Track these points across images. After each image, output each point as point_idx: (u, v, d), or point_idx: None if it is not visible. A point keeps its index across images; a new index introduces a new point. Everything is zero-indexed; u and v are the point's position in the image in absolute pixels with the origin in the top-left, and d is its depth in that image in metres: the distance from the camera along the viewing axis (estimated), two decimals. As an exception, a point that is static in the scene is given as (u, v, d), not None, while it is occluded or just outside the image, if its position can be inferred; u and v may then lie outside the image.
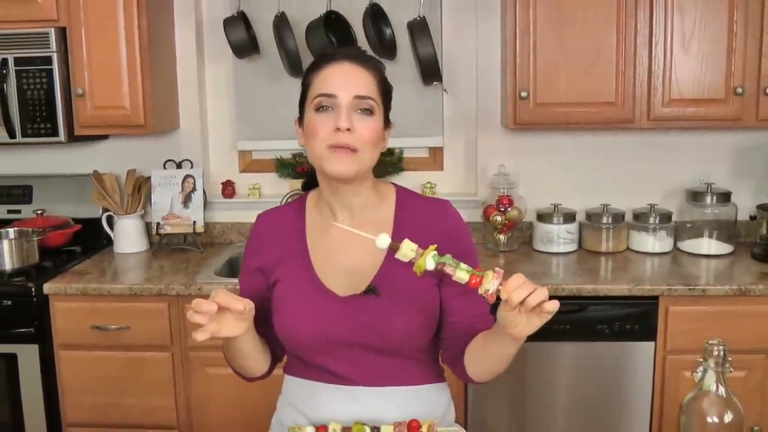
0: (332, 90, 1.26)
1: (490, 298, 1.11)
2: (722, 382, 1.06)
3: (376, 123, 1.29)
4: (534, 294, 1.08)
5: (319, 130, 1.26)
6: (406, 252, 1.13)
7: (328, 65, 1.30)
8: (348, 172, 1.27)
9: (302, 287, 1.34)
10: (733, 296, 2.26)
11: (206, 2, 2.91)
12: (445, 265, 1.13)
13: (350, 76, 1.28)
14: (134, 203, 2.84)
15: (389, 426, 1.21)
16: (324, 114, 1.27)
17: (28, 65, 2.54)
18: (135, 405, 2.44)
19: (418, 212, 1.38)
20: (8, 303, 2.39)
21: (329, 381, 1.34)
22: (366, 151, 1.28)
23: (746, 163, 2.79)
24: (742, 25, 2.40)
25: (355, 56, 1.32)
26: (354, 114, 1.27)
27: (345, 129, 1.24)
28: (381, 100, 1.32)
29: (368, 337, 1.29)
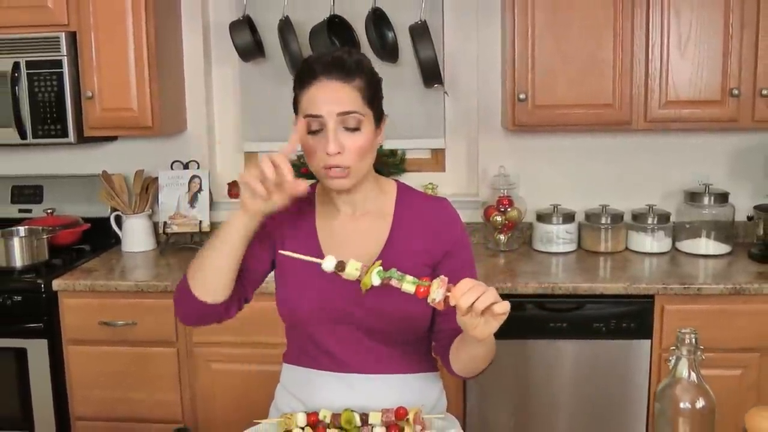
0: (317, 111, 1.31)
1: (439, 306, 1.16)
2: (695, 369, 1.10)
3: (364, 135, 1.33)
4: (481, 298, 1.12)
5: (314, 152, 1.33)
6: (351, 272, 1.20)
7: (311, 85, 1.33)
8: (345, 186, 1.35)
9: (308, 270, 1.37)
10: (728, 295, 2.28)
11: (213, 7, 2.97)
12: (391, 279, 1.19)
13: (332, 93, 1.32)
14: (142, 203, 2.90)
15: (377, 413, 1.26)
16: (315, 137, 1.32)
17: (39, 68, 2.62)
18: (141, 399, 2.50)
19: (417, 207, 1.45)
20: (18, 299, 2.45)
21: (325, 368, 1.40)
22: (358, 164, 1.34)
23: (744, 165, 2.82)
24: (737, 28, 2.43)
25: (336, 67, 1.33)
26: (341, 133, 1.31)
27: (335, 153, 1.30)
28: (368, 107, 1.35)
29: (366, 316, 1.35)
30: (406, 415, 1.25)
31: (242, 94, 3.02)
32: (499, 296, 1.15)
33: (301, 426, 1.25)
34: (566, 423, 2.42)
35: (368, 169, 1.39)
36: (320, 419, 1.26)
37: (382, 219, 1.44)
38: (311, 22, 2.75)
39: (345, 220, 1.44)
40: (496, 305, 1.13)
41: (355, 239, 1.42)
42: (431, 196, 1.52)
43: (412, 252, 1.40)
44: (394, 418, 1.25)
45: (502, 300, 1.15)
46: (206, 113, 2.99)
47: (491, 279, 2.36)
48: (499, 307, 1.13)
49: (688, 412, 1.09)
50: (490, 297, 1.13)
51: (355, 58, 1.37)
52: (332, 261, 1.21)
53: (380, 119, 1.40)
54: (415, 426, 1.23)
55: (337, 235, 1.44)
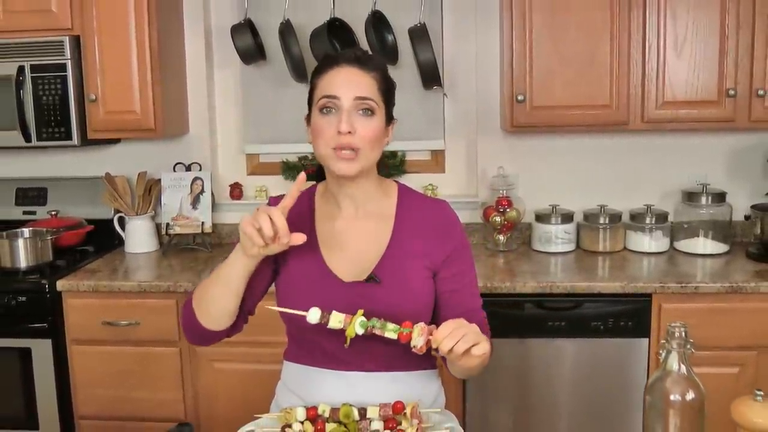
0: (334, 92, 1.35)
1: (421, 351, 1.24)
2: (684, 361, 1.12)
3: (376, 123, 1.37)
4: (460, 343, 1.19)
5: (324, 131, 1.35)
6: (335, 324, 1.26)
7: (332, 69, 1.39)
8: (351, 171, 1.36)
9: (309, 270, 1.43)
10: (725, 293, 2.30)
11: (215, 10, 3.01)
12: (374, 328, 1.26)
13: (351, 78, 1.37)
14: (145, 205, 2.94)
15: (375, 407, 1.28)
16: (328, 116, 1.35)
17: (43, 72, 2.65)
18: (144, 398, 2.53)
19: (418, 209, 1.47)
20: (23, 299, 2.49)
21: (325, 366, 1.42)
22: (367, 150, 1.36)
23: (741, 164, 2.84)
24: (733, 28, 2.45)
25: (357, 59, 1.40)
26: (355, 115, 1.35)
27: (346, 132, 1.33)
28: (382, 100, 1.40)
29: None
30: (404, 410, 1.27)
31: (243, 96, 3.06)
32: (479, 334, 1.22)
33: (300, 420, 1.28)
34: (565, 421, 2.44)
35: (374, 160, 1.41)
36: (319, 414, 1.29)
37: (383, 221, 1.46)
38: (312, 25, 2.78)
39: (346, 220, 1.46)
40: (473, 348, 1.20)
41: (356, 241, 1.44)
42: (431, 198, 1.54)
43: (413, 255, 1.42)
44: (391, 412, 1.27)
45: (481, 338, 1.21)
46: (208, 116, 3.02)
47: (490, 279, 2.39)
48: (477, 349, 1.20)
49: (678, 404, 1.11)
50: (469, 340, 1.20)
51: (376, 58, 1.43)
52: (317, 313, 1.27)
53: (390, 119, 1.44)
54: (412, 420, 1.25)
55: (338, 236, 1.46)
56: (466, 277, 1.47)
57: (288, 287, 1.45)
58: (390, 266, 1.41)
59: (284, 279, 1.46)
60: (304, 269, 1.44)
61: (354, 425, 1.26)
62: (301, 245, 1.44)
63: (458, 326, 1.21)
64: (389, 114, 1.44)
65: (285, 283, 1.45)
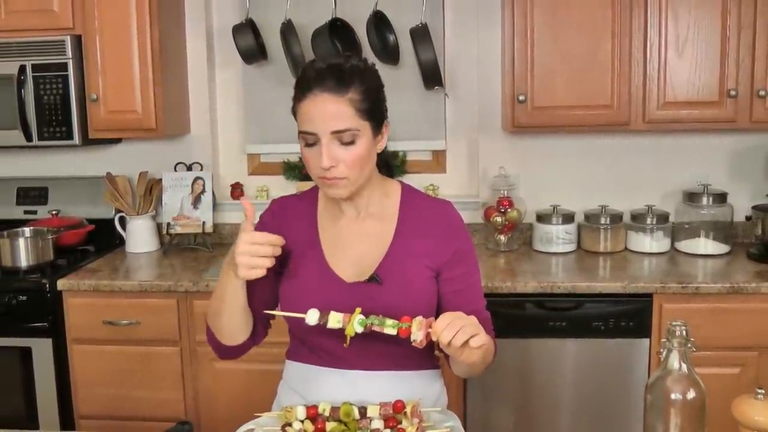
0: (312, 128, 1.33)
1: (421, 345, 1.24)
2: (685, 360, 1.12)
3: (360, 147, 1.34)
4: (459, 335, 1.20)
5: (309, 162, 1.36)
6: (333, 324, 1.27)
7: (306, 97, 1.34)
8: (342, 195, 1.38)
9: (311, 271, 1.43)
10: (726, 294, 2.30)
11: (216, 11, 3.01)
12: (373, 325, 1.26)
13: (326, 110, 1.32)
14: (146, 204, 2.94)
15: (375, 406, 1.28)
16: (311, 149, 1.35)
17: (44, 71, 2.65)
18: (145, 397, 2.53)
19: (421, 210, 1.47)
20: (23, 299, 2.49)
21: (327, 365, 1.42)
22: (355, 173, 1.35)
23: (742, 165, 2.84)
24: (735, 29, 2.45)
25: (331, 83, 1.32)
26: (336, 146, 1.33)
27: (329, 167, 1.32)
28: (364, 118, 1.34)
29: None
30: (404, 409, 1.27)
31: (245, 96, 3.06)
32: (478, 326, 1.22)
33: (300, 419, 1.28)
34: (566, 420, 2.43)
35: (367, 176, 1.40)
36: (319, 412, 1.29)
37: (386, 221, 1.46)
38: (313, 25, 2.78)
39: (349, 221, 1.46)
40: (471, 340, 1.20)
41: (359, 241, 1.44)
42: (435, 199, 1.53)
43: (415, 255, 1.42)
44: (392, 411, 1.27)
45: (479, 330, 1.22)
46: (209, 115, 3.02)
47: (492, 279, 2.39)
48: (474, 341, 1.20)
49: (679, 403, 1.11)
50: (468, 332, 1.20)
51: (352, 65, 1.36)
52: (315, 315, 1.29)
53: (380, 126, 1.40)
54: (413, 419, 1.25)
55: (341, 236, 1.46)
56: (470, 278, 1.47)
57: (290, 288, 1.45)
58: (392, 266, 1.41)
59: (287, 280, 1.46)
60: (306, 270, 1.44)
61: (354, 424, 1.26)
62: (304, 246, 1.45)
63: (456, 317, 1.21)
64: (378, 123, 1.39)
65: (288, 284, 1.45)
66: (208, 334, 1.49)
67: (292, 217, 1.50)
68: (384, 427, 1.25)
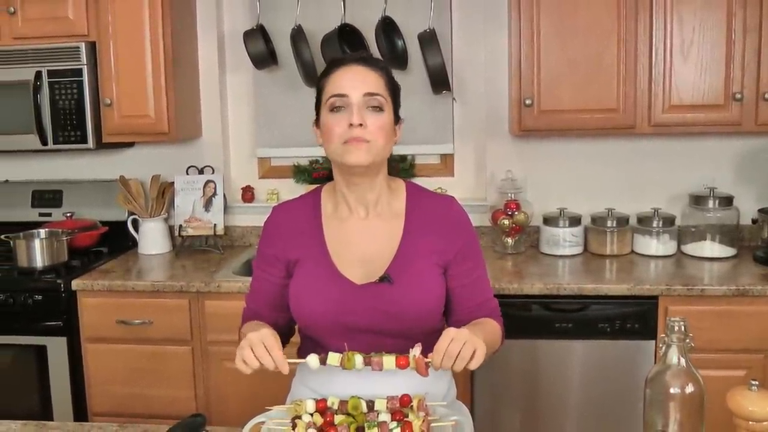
0: (343, 90, 1.39)
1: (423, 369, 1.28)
2: (684, 355, 1.14)
3: (385, 118, 1.41)
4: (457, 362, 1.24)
5: (335, 128, 1.39)
6: (333, 362, 1.30)
7: (338, 69, 1.42)
8: (363, 161, 1.39)
9: (320, 275, 1.45)
10: (732, 296, 2.31)
11: (227, 16, 3.06)
12: (372, 358, 1.29)
13: (359, 76, 1.40)
14: (158, 207, 2.99)
15: (383, 399, 1.31)
16: (338, 114, 1.39)
17: (60, 77, 2.72)
18: (157, 396, 2.57)
19: (426, 207, 1.50)
20: (39, 298, 2.54)
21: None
22: (378, 142, 1.39)
23: (748, 168, 2.85)
24: (740, 33, 2.47)
25: (363, 59, 1.44)
26: (365, 111, 1.39)
27: (357, 124, 1.36)
28: (390, 97, 1.43)
29: (381, 322, 1.40)
30: (410, 402, 1.30)
31: (256, 101, 3.10)
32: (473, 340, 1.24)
33: (310, 412, 1.31)
34: (572, 421, 2.45)
35: (385, 156, 1.44)
36: (328, 406, 1.32)
37: (393, 220, 1.48)
38: (322, 31, 2.83)
39: (356, 222, 1.48)
40: (471, 363, 1.24)
41: (366, 242, 1.47)
42: (439, 195, 1.57)
43: (424, 253, 1.45)
44: (398, 404, 1.30)
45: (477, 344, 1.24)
46: (220, 120, 3.07)
47: (499, 281, 2.41)
48: (473, 363, 1.24)
49: (678, 396, 1.14)
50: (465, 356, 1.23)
51: (380, 60, 1.49)
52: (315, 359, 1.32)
53: (398, 117, 1.47)
54: (419, 412, 1.28)
55: (348, 238, 1.48)
56: (476, 270, 1.50)
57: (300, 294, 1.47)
58: (402, 265, 1.44)
59: (296, 286, 1.48)
60: (314, 275, 1.46)
61: (362, 417, 1.29)
62: (310, 251, 1.48)
63: (453, 341, 1.23)
64: (396, 113, 1.47)
65: (296, 290, 1.47)
66: None
67: (295, 223, 1.52)
68: (391, 420, 1.28)
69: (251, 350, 1.28)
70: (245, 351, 1.29)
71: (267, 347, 1.28)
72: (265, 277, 1.54)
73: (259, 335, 1.29)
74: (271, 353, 1.28)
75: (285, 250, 1.50)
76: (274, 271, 1.52)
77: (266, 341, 1.28)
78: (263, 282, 1.54)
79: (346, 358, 1.29)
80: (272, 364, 1.28)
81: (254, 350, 1.28)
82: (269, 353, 1.28)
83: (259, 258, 1.56)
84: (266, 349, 1.28)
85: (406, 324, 1.42)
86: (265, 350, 1.28)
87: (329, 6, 2.89)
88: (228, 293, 2.50)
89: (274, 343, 1.29)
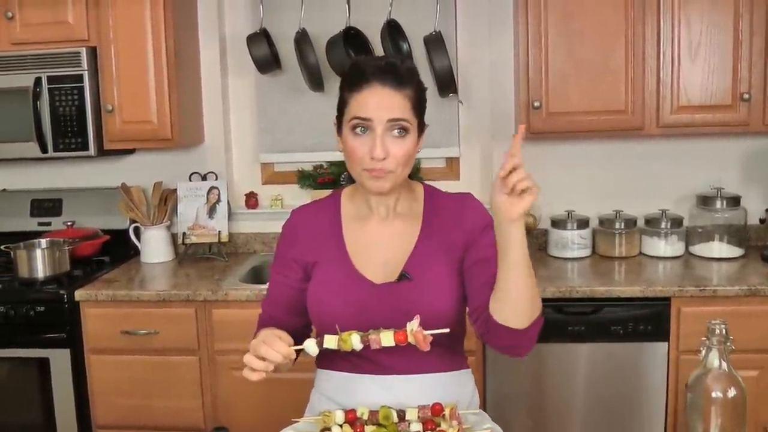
0: (367, 114, 1.34)
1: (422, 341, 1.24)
2: (725, 358, 1.13)
3: (409, 142, 1.37)
4: (526, 181, 1.24)
5: (356, 152, 1.36)
6: (330, 343, 1.27)
7: (363, 88, 1.36)
8: (384, 189, 1.38)
9: (339, 277, 1.43)
10: (743, 296, 2.31)
11: (229, 20, 3.02)
12: (369, 336, 1.27)
13: (384, 99, 1.35)
14: (160, 215, 2.94)
15: (414, 409, 1.28)
16: (361, 137, 1.36)
17: (60, 83, 2.67)
18: (163, 407, 2.53)
19: (444, 206, 1.48)
20: (41, 309, 2.49)
21: (363, 371, 1.41)
22: (399, 169, 1.37)
23: (755, 168, 2.85)
24: (747, 33, 2.47)
25: (388, 74, 1.36)
26: (388, 136, 1.35)
27: (381, 158, 1.33)
28: (415, 115, 1.38)
29: (402, 321, 1.36)
30: (442, 411, 1.27)
31: (258, 106, 3.07)
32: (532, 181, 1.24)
33: (339, 423, 1.28)
34: (584, 424, 2.44)
35: (405, 176, 1.42)
36: (358, 416, 1.29)
37: (412, 220, 1.47)
38: (326, 35, 2.80)
39: (376, 224, 1.47)
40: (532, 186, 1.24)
41: (385, 243, 1.45)
42: (456, 193, 1.54)
43: (441, 249, 1.43)
44: (430, 414, 1.27)
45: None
46: (223, 125, 3.03)
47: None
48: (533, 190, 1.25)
49: (720, 401, 1.12)
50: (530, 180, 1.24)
51: (407, 66, 1.40)
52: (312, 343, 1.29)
53: (423, 127, 1.43)
54: (452, 421, 1.25)
55: (367, 239, 1.46)
56: (492, 248, 1.42)
57: (320, 296, 1.44)
58: (419, 263, 1.42)
59: (315, 288, 1.45)
60: (333, 275, 1.44)
61: (393, 427, 1.27)
62: (329, 254, 1.46)
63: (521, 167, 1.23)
64: (422, 123, 1.43)
65: (316, 292, 1.45)
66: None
67: (314, 226, 1.50)
68: (423, 430, 1.25)
69: (254, 357, 1.27)
70: (247, 358, 1.27)
71: (268, 344, 1.26)
72: (283, 281, 1.51)
73: (259, 338, 1.29)
74: (273, 348, 1.25)
75: (303, 252, 1.49)
76: (292, 275, 1.49)
77: (266, 340, 1.27)
78: (281, 286, 1.52)
79: (342, 339, 1.26)
80: (278, 356, 1.25)
81: (257, 352, 1.26)
82: (272, 348, 1.25)
83: (277, 261, 1.54)
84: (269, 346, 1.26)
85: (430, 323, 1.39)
86: (268, 348, 1.25)
87: (332, 9, 2.87)
88: (236, 301, 2.46)
89: (275, 339, 1.27)
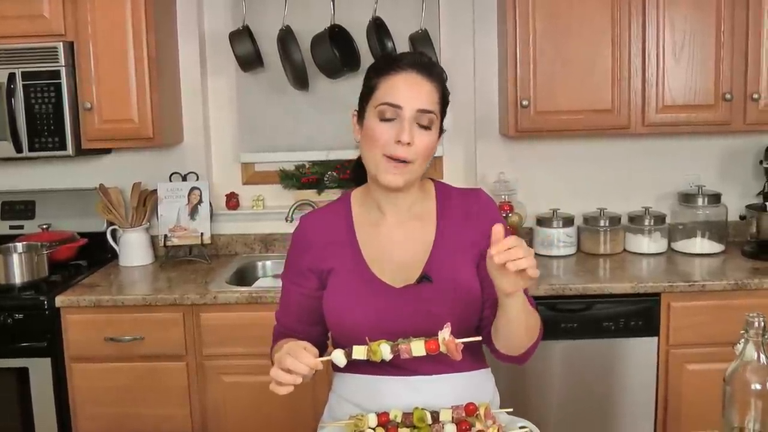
0: (398, 101, 1.32)
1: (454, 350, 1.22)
2: (763, 351, 1.14)
3: (432, 137, 1.35)
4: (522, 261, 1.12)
5: (380, 137, 1.33)
6: (359, 354, 1.24)
7: (396, 73, 1.35)
8: (399, 183, 1.35)
9: (357, 282, 1.40)
10: (731, 290, 2.36)
11: (208, 16, 2.95)
12: (399, 345, 1.24)
13: (416, 87, 1.33)
14: (139, 216, 2.85)
15: (448, 410, 1.26)
16: (386, 123, 1.33)
17: (35, 79, 2.55)
18: (150, 414, 2.44)
19: (456, 203, 1.47)
20: (20, 317, 2.37)
21: (386, 373, 1.38)
22: (418, 163, 1.35)
23: (735, 166, 2.93)
24: (728, 35, 2.53)
25: (421, 65, 1.36)
26: (414, 127, 1.32)
27: (406, 143, 1.31)
28: (440, 111, 1.38)
29: (424, 324, 1.34)
30: (476, 411, 1.26)
31: (238, 104, 3.00)
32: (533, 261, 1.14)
33: (372, 426, 1.25)
34: (576, 419, 2.46)
35: (421, 174, 1.40)
36: (391, 419, 1.26)
37: (426, 220, 1.45)
38: (310, 33, 2.76)
39: (390, 226, 1.44)
40: (529, 270, 1.13)
41: (401, 245, 1.43)
42: (466, 189, 1.52)
43: (460, 249, 1.41)
44: (464, 414, 1.26)
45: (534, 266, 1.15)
46: (203, 124, 2.96)
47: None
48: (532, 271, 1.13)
49: (759, 392, 1.13)
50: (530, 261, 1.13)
51: (437, 66, 1.40)
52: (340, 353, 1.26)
53: (441, 129, 1.41)
54: (486, 421, 1.24)
55: (382, 242, 1.43)
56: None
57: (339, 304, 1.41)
58: (439, 264, 1.40)
59: (332, 297, 1.42)
60: (351, 282, 1.41)
61: (427, 429, 1.24)
62: (344, 260, 1.42)
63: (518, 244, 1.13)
64: (442, 124, 1.41)
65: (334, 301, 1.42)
66: None
67: (326, 232, 1.46)
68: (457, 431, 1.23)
69: (280, 370, 1.23)
70: (274, 372, 1.23)
71: (294, 356, 1.22)
72: (297, 290, 1.47)
73: (283, 350, 1.25)
74: (300, 360, 1.22)
75: (317, 260, 1.45)
76: (306, 283, 1.46)
77: (291, 351, 1.23)
78: (295, 295, 1.48)
79: (372, 350, 1.23)
80: (305, 368, 1.22)
81: (283, 365, 1.22)
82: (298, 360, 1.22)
83: (289, 270, 1.50)
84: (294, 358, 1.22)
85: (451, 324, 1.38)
86: (294, 360, 1.22)
87: (315, 7, 2.83)
88: (225, 304, 2.40)
89: (300, 350, 1.23)
